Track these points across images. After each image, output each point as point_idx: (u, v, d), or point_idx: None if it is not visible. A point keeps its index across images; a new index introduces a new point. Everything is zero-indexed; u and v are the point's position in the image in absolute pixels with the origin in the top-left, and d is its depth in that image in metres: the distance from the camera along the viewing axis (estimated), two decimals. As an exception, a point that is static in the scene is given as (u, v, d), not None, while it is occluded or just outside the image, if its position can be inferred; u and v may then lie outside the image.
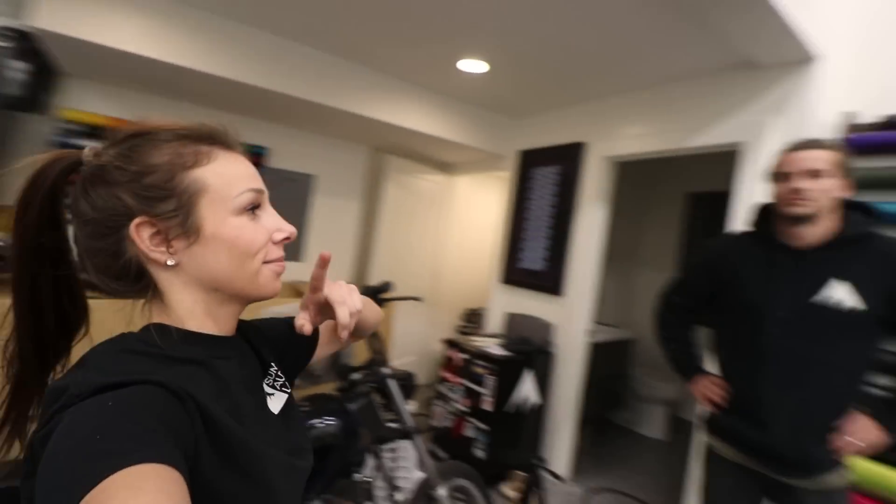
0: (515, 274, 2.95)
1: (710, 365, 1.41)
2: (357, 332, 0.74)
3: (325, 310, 0.59)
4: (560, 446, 2.64)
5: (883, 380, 1.66)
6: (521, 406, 2.50)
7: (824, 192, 1.13)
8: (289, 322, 0.66)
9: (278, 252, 0.54)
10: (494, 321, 3.11)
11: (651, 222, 3.99)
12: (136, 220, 0.46)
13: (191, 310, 0.51)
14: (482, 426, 2.50)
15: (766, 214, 1.29)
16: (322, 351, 0.75)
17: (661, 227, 3.89)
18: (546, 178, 2.86)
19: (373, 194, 3.52)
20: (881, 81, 1.81)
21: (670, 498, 2.50)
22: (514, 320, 2.91)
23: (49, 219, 0.47)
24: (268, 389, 0.59)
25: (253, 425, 0.50)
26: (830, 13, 1.79)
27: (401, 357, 3.50)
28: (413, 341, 3.73)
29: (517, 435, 2.55)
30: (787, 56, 1.83)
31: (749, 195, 1.90)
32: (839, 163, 1.13)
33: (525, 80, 2.53)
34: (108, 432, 0.35)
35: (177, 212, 0.47)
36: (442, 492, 1.50)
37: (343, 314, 0.55)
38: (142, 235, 0.47)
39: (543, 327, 2.73)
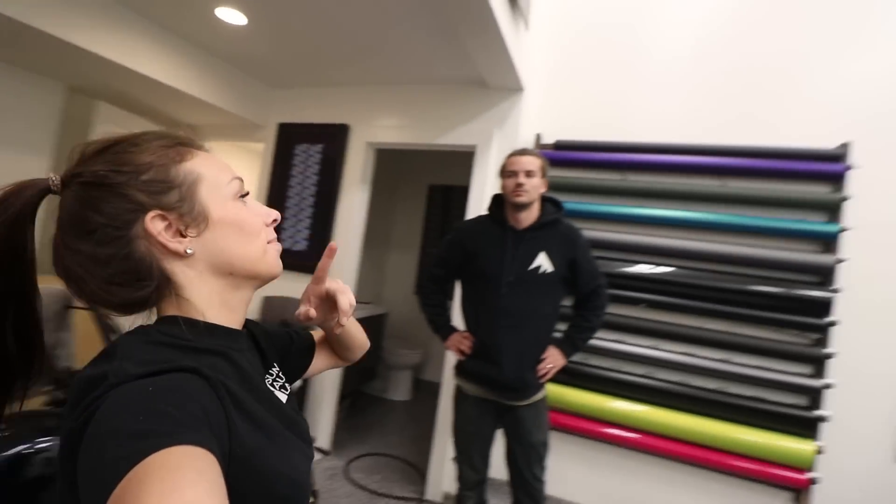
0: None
1: (460, 322, 1.75)
2: (348, 347, 0.79)
3: (324, 303, 0.68)
4: (322, 423, 2.70)
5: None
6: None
7: (535, 187, 1.56)
8: (289, 332, 0.73)
9: (272, 233, 0.57)
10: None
11: (400, 209, 4.43)
12: (151, 214, 0.47)
13: (208, 300, 0.52)
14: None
15: (498, 202, 1.67)
16: (315, 366, 0.79)
17: (408, 214, 4.38)
18: (310, 157, 2.81)
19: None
20: (558, 113, 2.55)
21: (420, 447, 2.92)
22: (272, 303, 2.78)
23: (15, 245, 0.46)
24: (269, 387, 0.59)
25: (270, 411, 0.52)
26: (530, 54, 2.40)
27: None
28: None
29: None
30: (507, 83, 2.37)
31: (480, 189, 2.38)
32: (542, 167, 1.58)
33: (287, 47, 2.43)
34: (149, 414, 0.37)
35: (181, 202, 0.49)
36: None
37: (344, 302, 0.65)
38: (157, 228, 0.48)
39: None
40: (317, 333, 0.82)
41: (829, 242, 2.06)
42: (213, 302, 0.53)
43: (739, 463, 2.06)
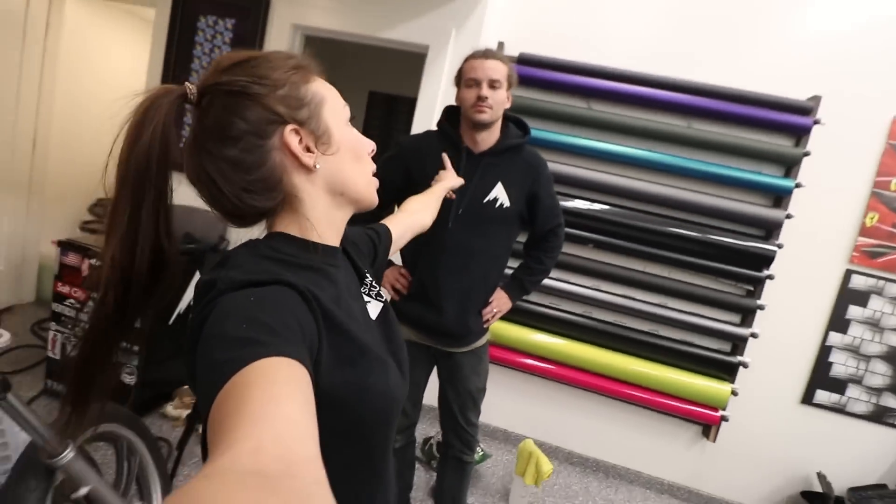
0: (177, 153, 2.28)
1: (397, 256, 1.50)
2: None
3: None
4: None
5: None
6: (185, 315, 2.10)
7: (500, 102, 1.27)
8: (370, 234, 0.82)
9: (373, 164, 0.60)
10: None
11: (332, 115, 3.89)
12: (290, 126, 0.50)
13: (319, 216, 0.55)
14: (130, 346, 1.98)
15: (452, 116, 1.37)
16: (396, 246, 0.90)
17: (342, 122, 3.86)
18: (217, 34, 2.23)
19: None
20: (525, 20, 2.18)
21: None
22: (176, 214, 2.33)
23: (162, 146, 0.47)
24: (365, 298, 0.63)
25: (361, 326, 0.55)
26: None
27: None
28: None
29: (179, 348, 2.16)
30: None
31: (431, 100, 2.02)
32: (510, 76, 1.28)
33: None
34: (251, 323, 0.40)
35: (311, 119, 0.52)
36: (67, 455, 1.07)
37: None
38: (293, 140, 0.50)
39: (214, 221, 2.29)
40: (388, 220, 0.94)
41: (781, 197, 2.02)
42: (322, 219, 0.55)
43: (659, 399, 2.14)
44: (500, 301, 1.47)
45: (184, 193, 0.57)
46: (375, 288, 0.67)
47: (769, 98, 2.00)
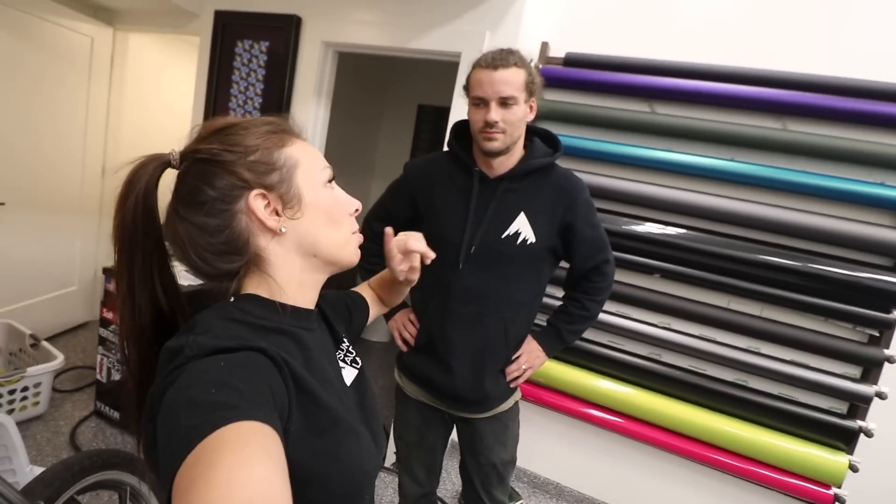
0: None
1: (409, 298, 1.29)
2: (400, 290, 0.89)
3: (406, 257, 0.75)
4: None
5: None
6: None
7: (516, 121, 1.03)
8: (344, 298, 0.79)
9: (355, 224, 0.60)
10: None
11: (385, 133, 3.81)
12: (255, 192, 0.51)
13: (289, 277, 0.55)
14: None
15: (463, 133, 1.15)
16: (371, 314, 0.86)
17: (395, 139, 3.77)
18: (254, 57, 2.21)
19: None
20: (571, 16, 1.89)
21: (389, 398, 2.63)
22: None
23: (145, 210, 0.50)
24: (340, 363, 0.63)
25: (333, 394, 0.54)
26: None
27: (16, 302, 2.43)
28: (58, 267, 2.66)
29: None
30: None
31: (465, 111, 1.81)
32: (527, 83, 1.03)
33: None
34: (221, 388, 0.39)
35: (281, 184, 0.52)
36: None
37: (420, 246, 0.75)
38: (258, 205, 0.51)
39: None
40: (361, 289, 0.89)
41: (915, 215, 1.54)
42: (293, 281, 0.55)
43: (752, 467, 1.72)
44: (531, 354, 1.21)
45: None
46: (351, 354, 0.67)
47: (889, 87, 1.53)
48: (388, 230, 0.69)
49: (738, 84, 1.66)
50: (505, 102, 1.01)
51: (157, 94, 3.04)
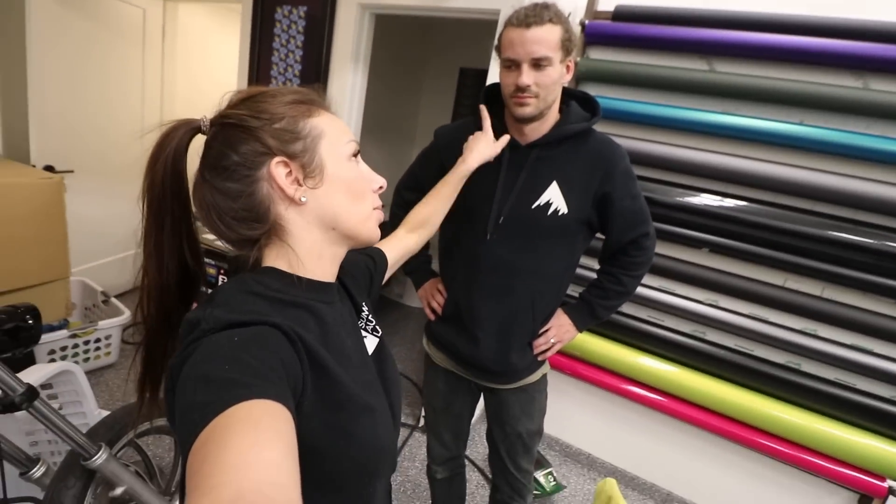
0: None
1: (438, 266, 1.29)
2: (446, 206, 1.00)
3: None
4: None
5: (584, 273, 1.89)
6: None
7: (550, 84, 0.96)
8: (366, 261, 0.77)
9: (378, 200, 0.59)
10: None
11: (427, 97, 3.73)
12: (276, 159, 0.51)
13: (309, 250, 0.55)
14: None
15: (494, 97, 1.09)
16: (392, 268, 0.87)
17: (436, 103, 3.68)
18: (293, 23, 2.20)
19: (14, 15, 2.18)
20: None
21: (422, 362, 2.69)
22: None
23: (174, 173, 0.51)
24: (361, 333, 0.63)
25: (352, 368, 0.54)
26: None
27: (89, 262, 2.63)
28: (124, 229, 2.86)
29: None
30: None
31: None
32: (563, 41, 0.95)
33: None
34: (234, 364, 0.40)
35: (304, 153, 0.52)
36: (100, 457, 1.10)
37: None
38: (280, 173, 0.51)
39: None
40: (384, 242, 0.88)
41: None
42: (313, 253, 0.55)
43: (798, 453, 1.64)
44: (561, 328, 1.18)
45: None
46: (371, 322, 0.67)
47: None
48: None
49: (810, 36, 1.47)
50: (538, 64, 0.94)
51: (206, 63, 3.12)
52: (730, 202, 1.64)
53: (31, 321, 1.09)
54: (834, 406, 1.58)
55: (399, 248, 0.90)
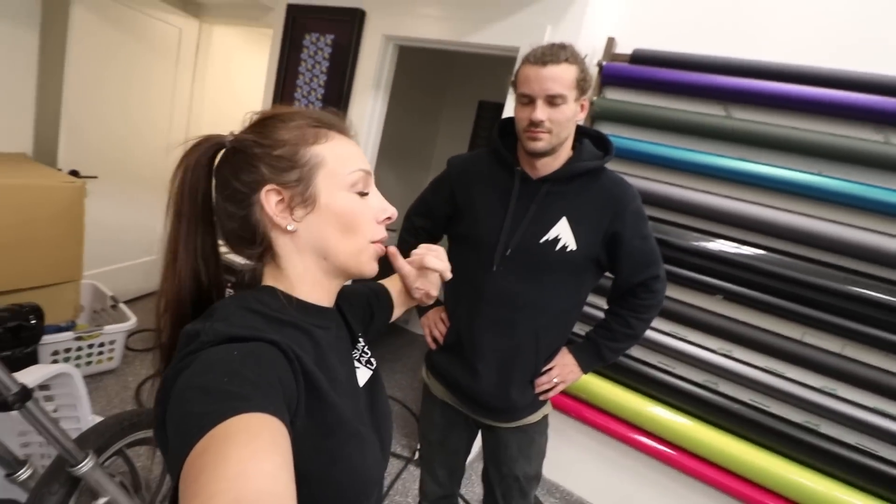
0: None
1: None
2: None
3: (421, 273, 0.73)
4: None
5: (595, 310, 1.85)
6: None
7: (564, 121, 0.97)
8: (368, 296, 0.76)
9: (382, 232, 0.58)
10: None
11: (445, 128, 3.81)
12: (267, 187, 0.52)
13: (301, 276, 0.56)
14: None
15: (507, 131, 1.10)
16: (395, 314, 0.84)
17: (454, 134, 3.75)
18: (319, 50, 2.27)
19: (57, 27, 2.30)
20: (640, 9, 1.76)
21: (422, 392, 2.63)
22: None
23: (192, 186, 0.53)
24: (355, 363, 0.63)
25: (343, 395, 0.54)
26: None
27: (102, 266, 2.66)
28: (142, 236, 2.91)
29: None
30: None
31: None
32: (578, 80, 0.96)
33: None
34: (233, 378, 0.40)
35: (298, 182, 0.52)
36: (86, 465, 1.08)
37: (436, 263, 0.69)
38: (270, 201, 0.52)
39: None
40: (388, 283, 0.84)
41: None
42: (306, 279, 0.56)
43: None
44: (565, 368, 1.14)
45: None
46: (367, 354, 0.66)
47: None
48: (392, 249, 0.63)
49: (829, 88, 1.46)
50: (552, 101, 0.95)
51: (234, 83, 3.24)
52: (747, 250, 1.60)
53: (33, 321, 1.10)
54: (854, 473, 1.48)
55: (401, 298, 0.84)
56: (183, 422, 0.38)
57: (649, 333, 1.76)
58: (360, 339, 0.67)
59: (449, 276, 0.70)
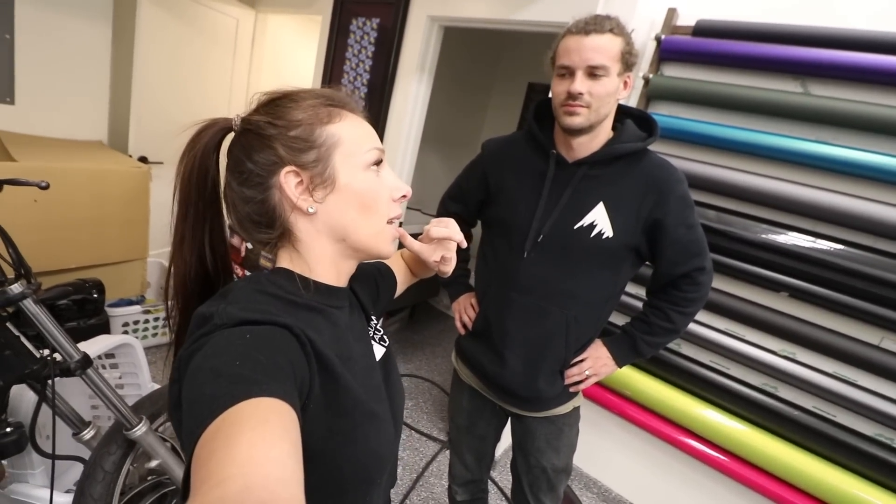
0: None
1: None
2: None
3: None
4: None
5: (630, 301, 1.74)
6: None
7: (605, 96, 0.90)
8: (373, 273, 0.76)
9: (397, 209, 0.57)
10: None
11: (493, 110, 3.73)
12: (286, 169, 0.51)
13: (318, 257, 0.55)
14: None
15: (543, 113, 1.04)
16: (398, 290, 0.82)
17: (501, 116, 3.67)
18: (365, 34, 2.28)
19: (127, 21, 2.45)
20: None
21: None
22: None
23: (200, 170, 0.53)
24: (370, 341, 0.64)
25: (359, 373, 0.55)
26: None
27: (167, 246, 2.86)
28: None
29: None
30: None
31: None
32: (623, 52, 0.89)
33: None
34: (245, 361, 0.40)
35: (317, 163, 0.51)
36: (140, 429, 1.17)
37: (445, 233, 0.65)
38: (289, 183, 0.51)
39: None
40: (393, 259, 0.83)
41: None
42: (323, 260, 0.55)
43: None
44: (598, 360, 1.08)
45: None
46: (380, 332, 0.67)
47: None
48: (401, 231, 0.60)
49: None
50: (594, 73, 0.88)
51: (286, 71, 3.33)
52: (822, 243, 1.43)
53: (95, 295, 1.20)
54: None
55: (403, 275, 0.84)
56: (195, 404, 0.38)
57: (701, 330, 1.64)
58: (373, 317, 0.67)
59: (463, 243, 0.67)
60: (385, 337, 0.67)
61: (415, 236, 0.64)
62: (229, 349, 0.41)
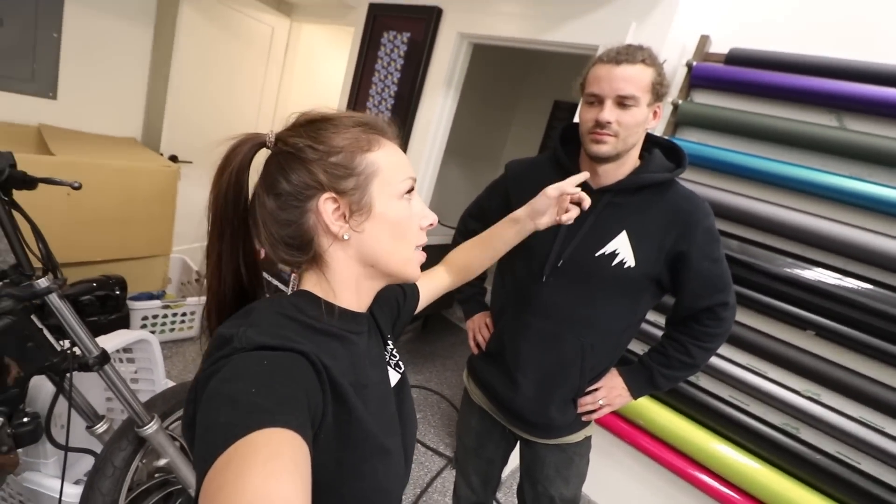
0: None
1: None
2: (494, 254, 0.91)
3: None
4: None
5: (651, 330, 1.71)
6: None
7: (633, 125, 0.89)
8: (397, 295, 0.75)
9: (424, 238, 0.58)
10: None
11: (517, 126, 3.73)
12: (325, 195, 0.51)
13: (344, 282, 0.55)
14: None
15: (570, 137, 1.03)
16: (421, 304, 0.82)
17: (525, 133, 3.67)
18: (395, 48, 2.31)
19: (168, 24, 2.54)
20: (739, 6, 1.58)
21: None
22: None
23: (236, 187, 0.53)
24: (386, 366, 0.64)
25: (373, 402, 0.55)
26: None
27: (191, 243, 2.91)
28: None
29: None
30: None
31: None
32: (654, 83, 0.88)
33: None
34: (260, 388, 0.40)
35: (355, 190, 0.52)
36: (151, 427, 1.19)
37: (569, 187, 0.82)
38: (327, 209, 0.51)
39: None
40: (426, 276, 0.85)
41: None
42: (349, 286, 0.55)
43: None
44: (613, 391, 1.06)
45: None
46: (395, 357, 0.67)
47: None
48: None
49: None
50: (623, 102, 0.88)
51: (317, 79, 3.40)
52: (851, 282, 1.39)
53: (118, 291, 1.22)
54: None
55: (434, 287, 0.86)
56: (209, 430, 0.39)
57: (721, 364, 1.60)
58: (389, 342, 0.67)
59: (587, 201, 0.80)
60: (400, 363, 0.66)
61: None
62: (246, 375, 0.42)
